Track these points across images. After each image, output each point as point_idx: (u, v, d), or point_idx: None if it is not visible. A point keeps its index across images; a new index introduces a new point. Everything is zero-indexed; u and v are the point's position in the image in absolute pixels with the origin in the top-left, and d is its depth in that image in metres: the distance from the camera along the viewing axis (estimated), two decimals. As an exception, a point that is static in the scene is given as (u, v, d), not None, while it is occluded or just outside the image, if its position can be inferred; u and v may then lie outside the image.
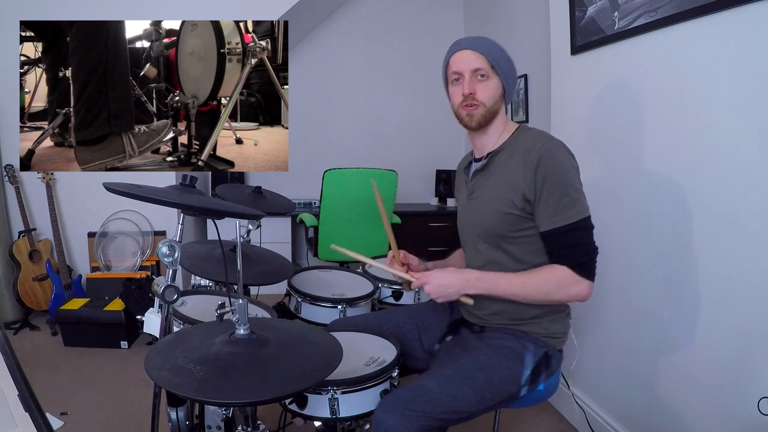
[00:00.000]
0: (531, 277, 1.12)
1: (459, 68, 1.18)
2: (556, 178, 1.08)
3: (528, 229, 1.14)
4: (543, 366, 1.16)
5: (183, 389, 0.75)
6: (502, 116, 1.23)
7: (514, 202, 1.12)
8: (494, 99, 1.18)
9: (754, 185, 1.20)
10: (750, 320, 1.22)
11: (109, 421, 1.84)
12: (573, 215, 1.08)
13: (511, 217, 1.13)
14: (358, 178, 2.59)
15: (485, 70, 1.15)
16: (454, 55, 1.19)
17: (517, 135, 1.20)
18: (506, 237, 1.16)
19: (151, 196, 0.90)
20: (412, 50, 3.82)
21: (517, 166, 1.13)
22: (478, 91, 1.16)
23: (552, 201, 1.08)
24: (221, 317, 0.94)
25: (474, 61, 1.15)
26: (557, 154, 1.10)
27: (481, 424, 1.12)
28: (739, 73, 1.23)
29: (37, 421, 0.60)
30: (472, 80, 1.16)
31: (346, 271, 1.84)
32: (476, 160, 1.29)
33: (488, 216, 1.18)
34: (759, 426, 1.16)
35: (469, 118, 1.20)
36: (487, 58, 1.15)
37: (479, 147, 1.27)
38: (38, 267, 2.77)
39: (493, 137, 1.23)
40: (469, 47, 1.17)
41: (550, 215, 1.09)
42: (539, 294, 1.11)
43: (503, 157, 1.19)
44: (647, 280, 1.56)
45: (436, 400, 1.01)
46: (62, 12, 2.52)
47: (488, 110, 1.18)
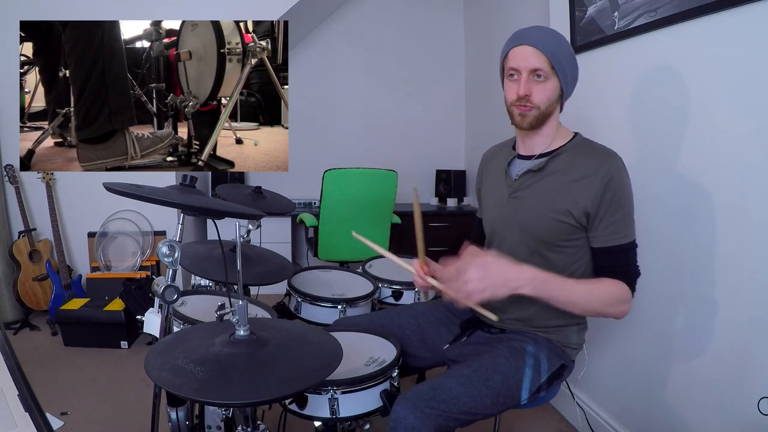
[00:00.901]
0: (596, 286, 1.08)
1: (517, 65, 1.10)
2: (623, 199, 1.09)
3: (575, 240, 1.12)
4: (556, 376, 1.16)
5: (183, 390, 0.74)
6: (556, 118, 1.18)
7: (571, 212, 1.10)
8: (550, 101, 1.12)
9: (754, 185, 1.20)
10: (750, 320, 1.22)
11: (109, 421, 1.84)
12: (630, 235, 1.10)
13: (563, 226, 1.11)
14: (358, 178, 2.59)
15: (545, 71, 1.08)
16: (514, 49, 1.11)
17: (578, 143, 1.17)
18: (551, 244, 1.14)
19: (151, 196, 0.90)
20: (412, 50, 3.82)
21: (582, 177, 1.10)
22: (534, 93, 1.10)
23: (614, 219, 1.08)
24: (221, 318, 0.94)
25: (534, 59, 1.08)
26: (625, 176, 1.10)
27: (481, 423, 1.12)
28: (739, 72, 1.23)
29: (37, 421, 0.60)
30: (530, 80, 1.10)
31: (346, 271, 1.84)
32: (522, 157, 1.23)
33: (537, 220, 1.13)
34: (759, 426, 1.16)
35: (522, 119, 1.14)
36: (548, 58, 1.08)
37: (528, 145, 1.21)
38: (38, 267, 2.77)
39: (546, 139, 1.18)
40: (531, 43, 1.08)
41: (611, 232, 1.08)
42: (599, 304, 1.06)
43: (563, 163, 1.14)
44: (648, 281, 1.55)
45: (455, 400, 1.00)
46: (62, 12, 2.52)
47: (542, 113, 1.12)
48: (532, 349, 1.13)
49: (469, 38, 3.80)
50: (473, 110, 3.77)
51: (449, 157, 3.91)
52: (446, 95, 3.85)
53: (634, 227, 1.12)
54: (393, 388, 1.11)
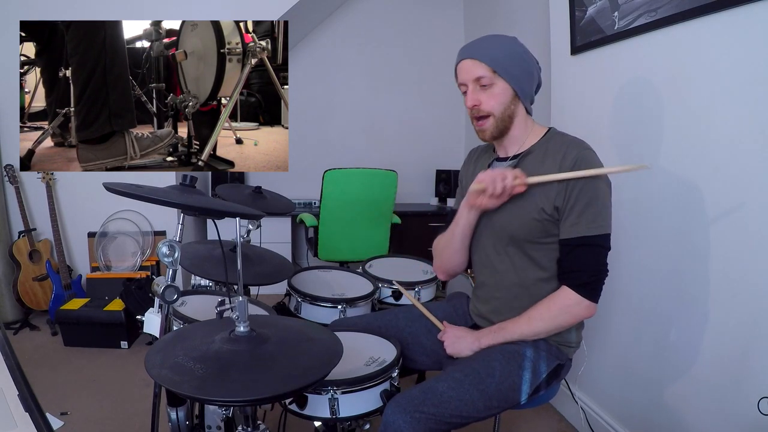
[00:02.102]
0: (534, 311, 1.12)
1: (462, 80, 1.14)
2: (586, 188, 1.06)
3: (555, 236, 1.12)
4: (554, 376, 1.16)
5: (183, 387, 0.74)
6: (522, 117, 1.17)
7: (544, 209, 1.10)
8: (504, 105, 1.12)
9: (754, 185, 1.20)
10: (750, 320, 1.22)
11: (109, 421, 1.84)
12: (593, 228, 1.06)
13: (538, 224, 1.11)
14: (358, 178, 2.59)
15: (487, 77, 1.10)
16: (458, 66, 1.15)
17: (549, 138, 1.16)
18: (531, 242, 1.14)
19: (151, 196, 0.90)
20: (412, 50, 3.82)
21: (549, 172, 1.09)
22: (483, 101, 1.12)
23: (576, 209, 1.06)
24: (221, 314, 0.94)
25: (473, 69, 1.11)
26: (592, 165, 1.08)
27: (482, 423, 1.12)
28: (739, 72, 1.23)
29: (37, 421, 0.60)
30: (476, 90, 1.12)
31: (346, 271, 1.84)
32: (500, 160, 1.23)
33: (516, 222, 1.13)
34: (759, 426, 1.16)
35: (482, 134, 1.16)
36: (486, 64, 1.09)
37: (503, 148, 1.22)
38: (38, 267, 2.77)
39: (518, 140, 1.18)
40: (467, 55, 1.12)
41: (571, 224, 1.07)
42: (547, 323, 1.11)
43: (534, 161, 1.14)
44: (648, 280, 1.56)
45: (446, 404, 1.00)
46: (62, 12, 2.52)
47: (499, 118, 1.13)
48: (527, 351, 1.13)
49: (469, 38, 3.80)
50: (473, 110, 3.76)
51: (449, 157, 3.91)
52: (446, 95, 3.85)
53: (603, 222, 1.07)
54: (393, 388, 1.11)
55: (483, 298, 1.26)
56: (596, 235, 1.07)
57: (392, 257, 2.01)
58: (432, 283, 1.70)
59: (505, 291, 1.20)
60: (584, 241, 1.07)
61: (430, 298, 1.69)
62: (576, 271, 1.08)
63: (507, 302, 1.19)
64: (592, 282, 1.08)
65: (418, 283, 1.65)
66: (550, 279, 1.15)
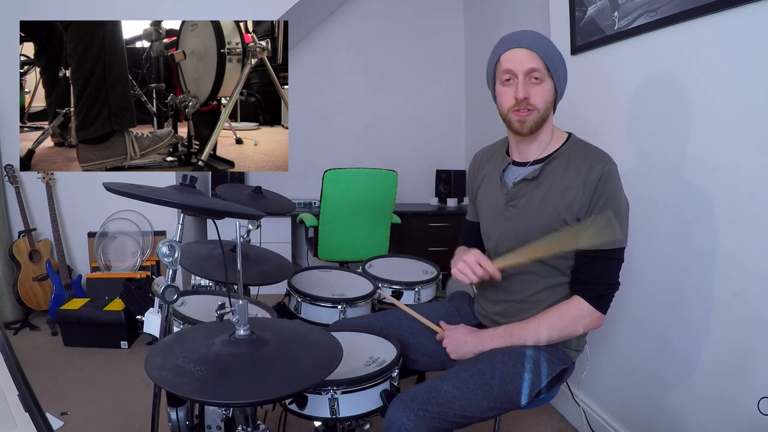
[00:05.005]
0: (545, 318, 1.11)
1: (512, 67, 1.08)
2: (609, 202, 1.06)
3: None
4: (557, 380, 1.16)
5: (183, 389, 0.74)
6: (551, 122, 1.16)
7: (566, 220, 1.09)
8: (548, 103, 1.10)
9: (754, 185, 1.20)
10: (750, 320, 1.22)
11: (109, 421, 1.84)
12: (611, 242, 1.06)
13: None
14: (358, 178, 2.59)
15: (541, 72, 1.07)
16: (507, 53, 1.09)
17: (571, 146, 1.14)
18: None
19: (151, 196, 0.90)
20: (412, 50, 3.82)
21: (573, 183, 1.08)
22: (532, 95, 1.08)
23: (597, 223, 1.06)
24: (221, 317, 0.94)
25: (529, 61, 1.06)
26: (616, 179, 1.08)
27: (482, 422, 1.12)
28: (739, 72, 1.23)
29: (37, 421, 0.60)
30: (527, 83, 1.08)
31: (346, 271, 1.84)
32: (516, 164, 1.21)
33: (534, 230, 1.12)
34: (759, 426, 1.16)
35: (521, 125, 1.10)
36: (543, 59, 1.06)
37: (522, 152, 1.19)
38: (38, 267, 2.77)
39: (541, 144, 1.16)
40: (525, 45, 1.07)
41: (590, 236, 1.06)
42: (558, 332, 1.11)
43: (556, 169, 1.12)
44: (647, 281, 1.56)
45: (450, 403, 1.00)
46: (62, 12, 2.51)
47: (541, 116, 1.10)
48: (531, 353, 1.13)
49: (469, 38, 3.80)
50: (473, 110, 3.77)
51: (449, 157, 3.91)
52: (446, 95, 3.85)
53: (620, 237, 1.07)
54: (393, 388, 1.11)
55: (492, 300, 1.26)
56: (614, 249, 1.08)
57: (392, 257, 2.01)
58: (432, 283, 1.69)
59: (517, 295, 1.20)
60: (602, 254, 1.07)
61: (430, 298, 1.69)
62: (592, 282, 1.09)
63: (517, 305, 1.20)
64: (605, 295, 1.09)
65: (418, 283, 1.65)
66: (562, 286, 1.15)
